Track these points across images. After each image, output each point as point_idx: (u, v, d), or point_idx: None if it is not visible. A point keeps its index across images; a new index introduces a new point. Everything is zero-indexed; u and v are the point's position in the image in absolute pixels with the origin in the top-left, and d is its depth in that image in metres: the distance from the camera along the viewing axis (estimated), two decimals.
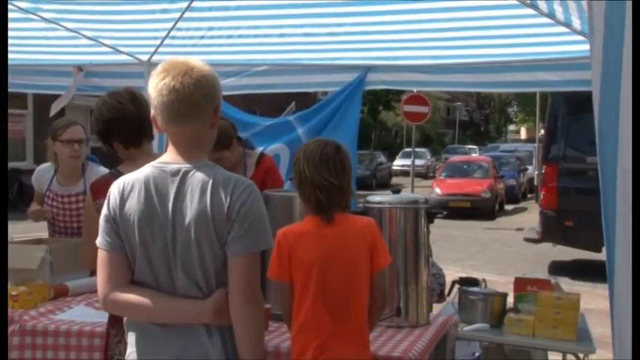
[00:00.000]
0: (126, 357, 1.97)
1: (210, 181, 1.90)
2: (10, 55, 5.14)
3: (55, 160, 3.88)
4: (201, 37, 4.58)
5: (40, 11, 4.28)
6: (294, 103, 5.71)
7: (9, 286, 3.17)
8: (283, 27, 4.35)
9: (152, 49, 4.76)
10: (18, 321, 2.93)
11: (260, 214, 1.91)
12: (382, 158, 28.64)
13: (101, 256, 1.94)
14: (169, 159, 1.96)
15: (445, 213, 16.07)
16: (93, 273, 3.66)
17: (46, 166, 4.00)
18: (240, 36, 4.53)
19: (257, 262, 1.92)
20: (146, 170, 1.95)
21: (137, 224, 1.90)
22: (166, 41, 4.58)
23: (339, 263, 2.27)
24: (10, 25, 4.62)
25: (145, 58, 4.93)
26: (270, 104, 17.92)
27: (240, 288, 1.87)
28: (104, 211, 1.96)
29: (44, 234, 4.05)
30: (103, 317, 2.92)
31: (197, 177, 1.91)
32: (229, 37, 4.54)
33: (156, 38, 4.60)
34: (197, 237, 1.88)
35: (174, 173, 1.92)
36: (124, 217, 1.91)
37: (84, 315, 3.05)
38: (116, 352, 2.61)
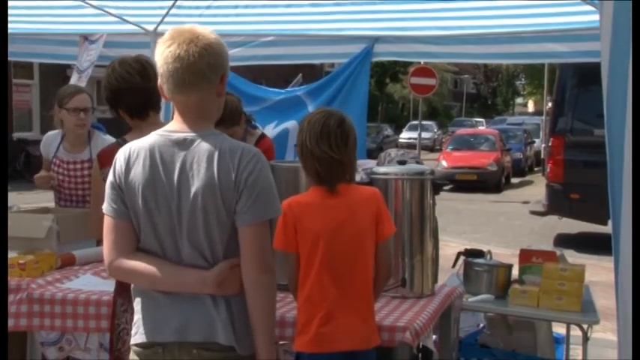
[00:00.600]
0: (133, 323, 1.99)
1: (217, 150, 1.89)
2: (16, 25, 5.17)
3: (61, 126, 3.88)
4: (208, 7, 4.54)
5: None
6: (300, 75, 5.68)
7: (16, 255, 3.21)
8: None
9: (158, 19, 4.73)
10: (25, 289, 2.96)
11: (268, 183, 1.91)
12: (389, 131, 28.57)
13: (107, 222, 1.95)
14: (175, 127, 1.95)
15: (451, 186, 16.05)
16: (100, 242, 3.71)
17: (54, 133, 4.01)
18: (246, 6, 4.49)
19: (267, 231, 1.93)
20: (152, 138, 1.95)
21: (141, 192, 1.90)
22: (172, 11, 4.54)
23: (344, 233, 2.28)
24: None
25: (151, 27, 4.89)
26: (276, 76, 17.83)
27: (254, 257, 1.88)
28: (110, 177, 1.96)
29: (51, 204, 4.07)
30: (109, 286, 2.94)
31: (203, 146, 1.90)
32: (236, 7, 4.50)
33: (162, 8, 4.57)
34: (203, 206, 1.88)
35: (180, 142, 1.92)
36: (129, 185, 1.92)
37: (91, 284, 3.08)
38: (122, 321, 2.63)
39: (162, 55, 1.91)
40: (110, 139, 3.93)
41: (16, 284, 3.00)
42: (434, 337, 2.81)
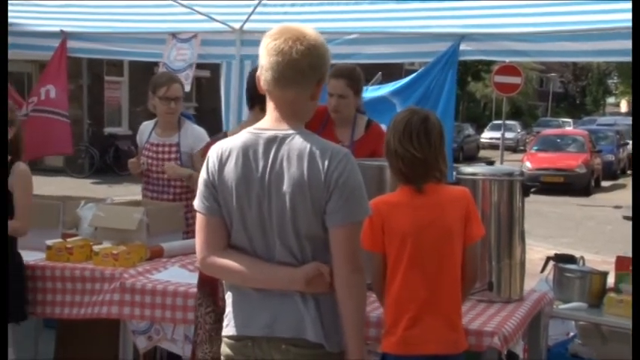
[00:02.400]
0: (224, 315, 2.03)
1: (307, 149, 1.90)
2: (107, 24, 5.37)
3: (154, 110, 4.02)
4: (293, 5, 4.58)
5: None
6: (380, 73, 5.62)
7: (110, 245, 3.33)
8: None
9: (244, 17, 4.80)
10: (118, 278, 3.07)
11: (358, 184, 1.92)
12: (470, 130, 28.00)
13: (199, 219, 1.99)
14: (267, 125, 1.97)
15: (536, 188, 15.57)
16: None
17: (149, 122, 4.18)
18: (330, 3, 4.50)
19: (358, 231, 1.94)
20: (244, 136, 1.97)
21: (235, 190, 1.93)
22: (258, 9, 4.61)
23: (432, 233, 2.24)
24: None
25: (237, 26, 4.98)
26: None
27: (344, 257, 1.89)
28: (203, 175, 1.99)
29: (138, 197, 4.21)
30: (195, 279, 3.01)
31: (294, 144, 1.92)
32: (320, 4, 4.52)
33: (248, 6, 4.64)
34: (292, 204, 1.89)
35: (271, 139, 1.93)
36: (222, 182, 1.95)
37: (178, 276, 3.16)
38: (197, 314, 2.70)
39: (266, 47, 1.94)
40: (199, 129, 4.08)
41: (110, 273, 3.11)
42: (522, 343, 2.72)
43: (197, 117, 4.24)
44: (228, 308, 2.00)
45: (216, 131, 4.34)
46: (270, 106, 1.99)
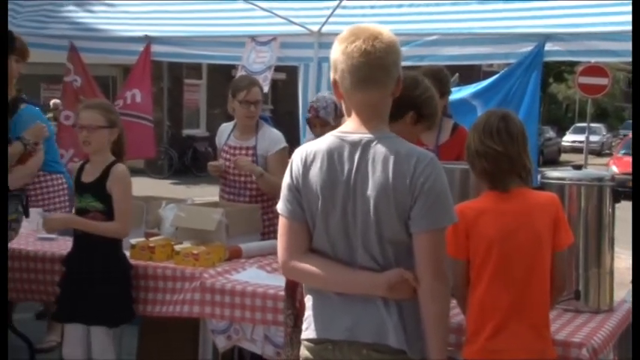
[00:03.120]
0: (304, 319, 2.02)
1: (393, 154, 1.88)
2: (188, 28, 5.50)
3: (233, 113, 4.08)
4: (372, 7, 4.56)
5: None
6: (457, 74, 5.51)
7: (190, 245, 3.39)
8: None
9: (323, 20, 4.81)
10: (198, 278, 3.12)
11: (444, 189, 1.89)
12: (551, 133, 27.19)
13: (282, 223, 1.99)
14: (351, 128, 1.96)
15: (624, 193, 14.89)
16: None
17: (228, 124, 4.24)
18: (411, 5, 4.45)
19: (443, 238, 1.90)
20: (328, 139, 1.96)
21: (320, 193, 1.92)
22: (337, 11, 4.61)
23: (519, 240, 2.17)
24: None
25: (315, 28, 5.00)
26: None
27: (428, 264, 1.87)
28: (287, 179, 1.99)
29: (215, 198, 4.27)
30: (274, 280, 3.04)
31: (379, 148, 1.89)
32: (400, 5, 4.49)
33: (327, 8, 4.65)
34: (376, 209, 1.87)
35: (356, 143, 1.92)
36: (307, 186, 1.94)
37: (257, 277, 3.18)
38: (285, 313, 2.70)
39: (344, 51, 1.91)
40: (275, 132, 4.10)
41: (190, 273, 3.17)
42: (612, 357, 2.60)
43: (273, 119, 4.31)
44: (308, 312, 2.00)
45: (292, 134, 4.38)
46: (352, 109, 1.97)
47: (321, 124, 3.72)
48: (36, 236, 3.74)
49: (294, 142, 4.23)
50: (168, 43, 5.71)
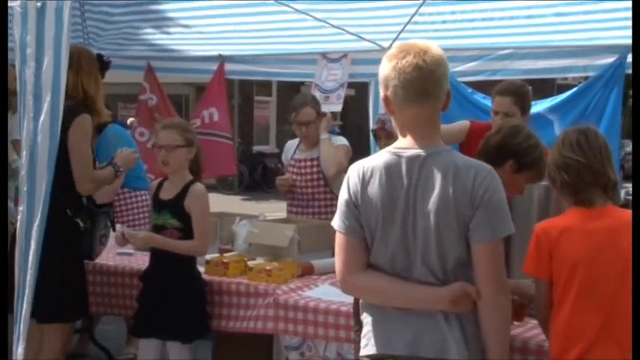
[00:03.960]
0: (362, 335, 2.01)
1: (451, 166, 1.89)
2: (259, 47, 5.59)
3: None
4: (444, 22, 4.51)
5: (293, 2, 4.53)
6: (530, 88, 5.39)
7: (263, 261, 3.42)
8: (532, 7, 4.12)
9: (394, 36, 4.80)
10: (272, 294, 3.14)
11: (502, 200, 1.90)
12: (631, 147, 26.26)
13: (340, 239, 2.00)
14: (406, 144, 1.96)
15: None
16: None
17: (294, 140, 4.32)
18: (484, 19, 4.38)
19: (501, 249, 1.90)
20: (383, 156, 1.97)
21: (380, 209, 1.93)
22: (408, 27, 4.59)
23: (606, 260, 2.09)
24: (263, 17, 5.01)
25: (386, 44, 4.98)
26: None
27: (487, 275, 1.87)
28: (343, 195, 2.00)
29: (282, 214, 4.31)
30: (347, 297, 3.02)
31: (437, 162, 1.90)
32: (472, 20, 4.42)
33: (398, 24, 4.63)
34: (437, 223, 1.88)
35: (413, 159, 1.92)
36: (365, 202, 1.95)
37: (330, 294, 3.17)
38: (354, 330, 2.69)
39: (395, 67, 1.93)
40: (341, 139, 4.14)
41: (263, 289, 3.19)
42: None
43: (342, 135, 4.34)
44: (367, 327, 2.00)
45: (361, 150, 4.38)
46: (405, 125, 1.97)
47: (387, 136, 3.72)
48: (115, 251, 3.85)
49: (362, 157, 4.23)
50: (241, 62, 5.83)
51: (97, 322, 4.63)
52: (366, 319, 2.00)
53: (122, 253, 3.87)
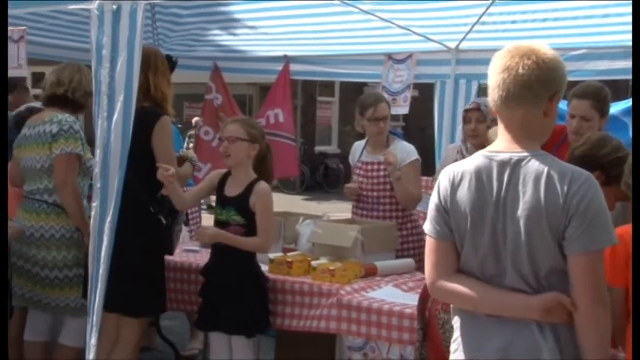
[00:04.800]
0: (452, 340, 1.99)
1: (544, 172, 1.81)
2: (324, 47, 5.60)
3: (363, 130, 4.14)
4: (513, 22, 4.41)
5: (359, 3, 4.52)
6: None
7: (326, 261, 3.43)
8: (608, 7, 3.98)
9: (461, 36, 4.73)
10: (335, 294, 3.15)
11: (601, 209, 1.80)
12: None
13: (430, 243, 1.98)
14: (500, 147, 1.91)
15: None
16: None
17: (360, 142, 4.29)
18: (556, 18, 4.26)
19: (601, 260, 1.81)
20: (476, 159, 1.93)
21: (469, 214, 1.89)
22: (476, 27, 4.51)
23: None
24: (328, 18, 5.02)
25: (453, 45, 4.92)
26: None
27: (584, 287, 1.78)
28: (434, 199, 1.98)
29: (345, 214, 4.29)
30: (410, 299, 3.00)
31: (530, 167, 1.84)
32: (544, 20, 4.30)
33: (465, 25, 4.56)
34: (527, 229, 1.81)
35: (505, 163, 1.87)
36: (454, 206, 1.92)
37: (393, 295, 3.16)
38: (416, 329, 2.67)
39: (494, 67, 1.92)
40: (408, 145, 4.10)
41: (327, 289, 3.20)
42: None
43: (405, 136, 4.32)
44: (457, 333, 1.97)
45: (424, 151, 4.34)
46: (500, 127, 1.94)
47: (477, 119, 3.66)
48: (182, 248, 3.93)
49: (425, 159, 4.21)
50: (305, 62, 5.85)
51: (161, 317, 4.74)
52: (456, 323, 1.98)
53: (188, 250, 3.95)
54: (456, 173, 1.94)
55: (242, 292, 3.21)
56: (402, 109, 5.04)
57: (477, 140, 3.58)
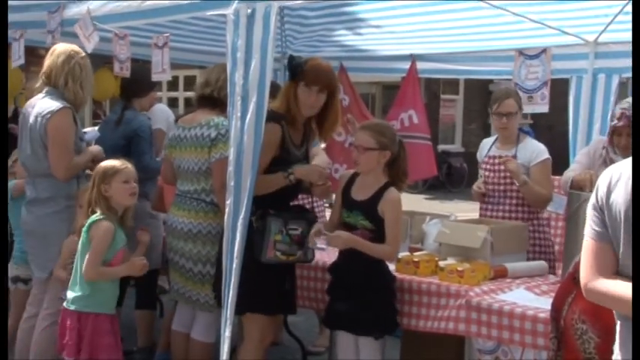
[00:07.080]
0: (613, 347, 1.92)
1: None
2: (452, 45, 5.49)
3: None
4: None
5: None
6: None
7: (454, 262, 3.37)
8: None
9: (601, 28, 4.48)
10: (464, 296, 3.08)
11: None
12: None
13: (587, 243, 1.92)
14: None
15: None
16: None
17: (490, 138, 4.27)
18: None
19: None
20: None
21: (623, 217, 1.81)
22: (618, 18, 4.25)
23: None
24: (456, 15, 4.92)
25: (591, 37, 4.67)
26: None
27: None
28: (592, 199, 1.92)
29: (471, 214, 4.21)
30: (543, 303, 2.89)
31: None
32: None
33: (606, 16, 4.31)
34: None
35: None
36: (609, 208, 1.85)
37: (525, 299, 3.06)
38: (550, 337, 2.55)
39: None
40: (538, 144, 4.01)
41: (455, 290, 3.15)
42: None
43: (533, 134, 4.15)
44: (618, 339, 1.89)
45: (552, 149, 4.17)
46: None
47: (629, 133, 3.41)
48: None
49: (554, 158, 4.04)
50: (431, 60, 5.77)
51: None
52: (618, 328, 1.91)
53: (315, 248, 4.01)
54: (613, 174, 1.87)
55: (370, 293, 3.21)
56: (540, 107, 4.82)
57: (628, 152, 3.36)
